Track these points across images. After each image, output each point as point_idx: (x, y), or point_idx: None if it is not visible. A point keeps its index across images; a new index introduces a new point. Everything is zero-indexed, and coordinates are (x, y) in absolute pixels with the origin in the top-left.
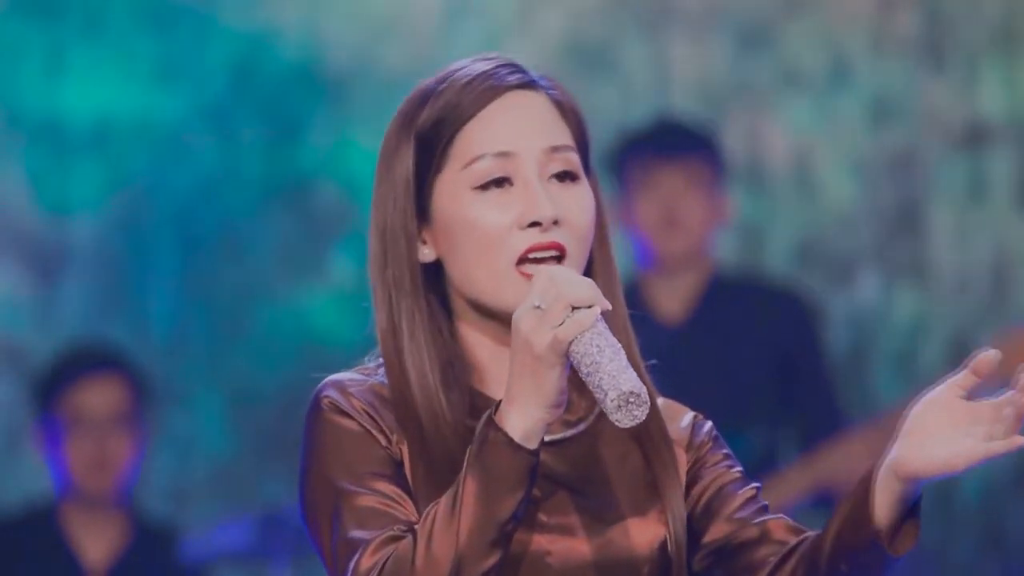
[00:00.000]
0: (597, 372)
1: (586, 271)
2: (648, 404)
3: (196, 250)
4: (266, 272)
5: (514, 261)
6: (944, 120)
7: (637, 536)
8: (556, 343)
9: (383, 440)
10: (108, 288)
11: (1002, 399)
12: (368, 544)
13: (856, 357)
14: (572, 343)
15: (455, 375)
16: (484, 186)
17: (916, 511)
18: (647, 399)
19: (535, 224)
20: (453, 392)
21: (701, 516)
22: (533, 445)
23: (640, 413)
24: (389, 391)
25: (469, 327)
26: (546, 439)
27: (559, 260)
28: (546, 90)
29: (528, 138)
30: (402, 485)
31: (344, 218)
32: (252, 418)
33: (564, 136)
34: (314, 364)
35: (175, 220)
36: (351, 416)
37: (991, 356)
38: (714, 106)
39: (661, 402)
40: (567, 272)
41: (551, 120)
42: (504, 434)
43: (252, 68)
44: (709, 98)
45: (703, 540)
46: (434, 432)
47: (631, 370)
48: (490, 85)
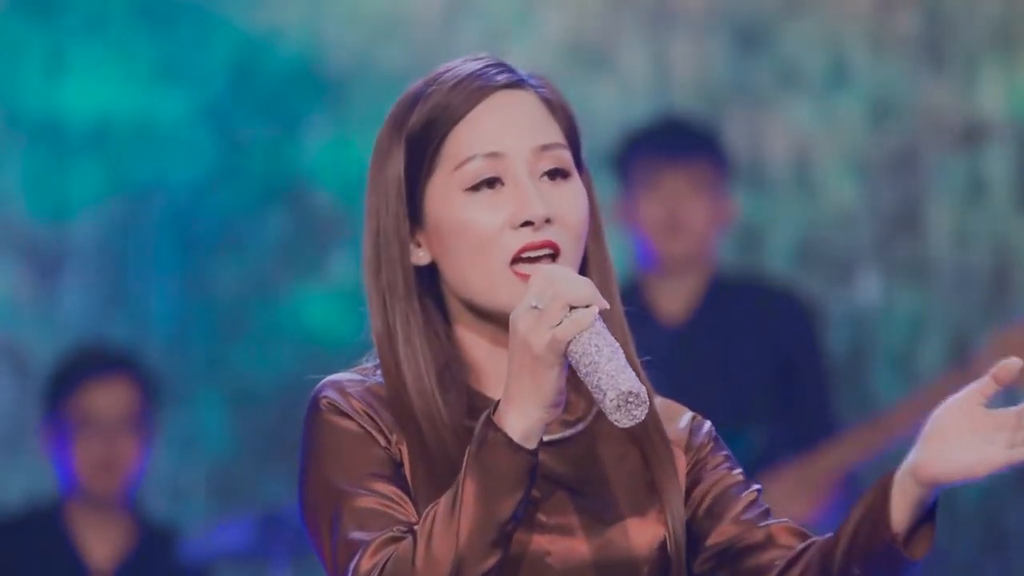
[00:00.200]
0: (596, 372)
1: (581, 268)
2: (647, 404)
3: (196, 250)
4: (266, 272)
5: (508, 261)
6: (944, 120)
7: (636, 536)
8: (554, 343)
9: (382, 441)
10: (108, 288)
11: (1023, 407)
12: (368, 545)
13: (856, 356)
14: (570, 343)
15: (452, 376)
16: (475, 187)
17: (933, 515)
18: (646, 399)
19: (527, 224)
20: (450, 393)
21: (704, 518)
22: (532, 445)
23: (639, 413)
24: (387, 393)
25: (465, 328)
26: (545, 439)
27: (553, 259)
28: (535, 88)
29: (517, 137)
30: (401, 486)
31: (344, 218)
32: (252, 418)
33: (554, 134)
34: (314, 364)
35: (175, 220)
36: (350, 417)
37: (1012, 364)
38: (714, 106)
39: (660, 402)
40: (564, 271)
41: (540, 118)
42: (503, 434)
43: (252, 68)
44: (709, 98)
45: (706, 543)
46: (432, 434)
47: (630, 370)
48: (478, 86)
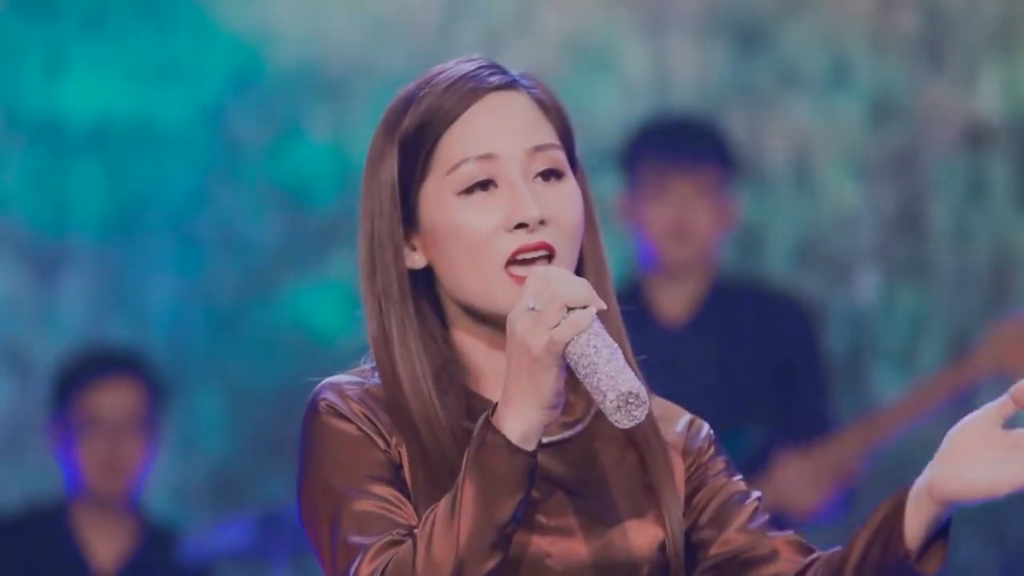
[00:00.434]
0: (595, 373)
1: (577, 268)
2: (647, 404)
3: (196, 250)
4: (266, 272)
5: (503, 264)
6: (944, 120)
7: (636, 537)
8: (552, 345)
9: (381, 443)
10: (108, 288)
11: None
12: (368, 549)
13: (856, 356)
14: (568, 344)
15: (450, 379)
16: (468, 190)
17: (947, 532)
18: (646, 399)
19: (521, 226)
20: (448, 396)
21: (707, 526)
22: (531, 447)
23: (640, 413)
24: (384, 396)
25: (462, 331)
26: (544, 441)
27: (549, 260)
28: (527, 89)
29: (510, 139)
30: (401, 488)
31: (343, 218)
32: (252, 418)
33: (547, 135)
34: (314, 364)
35: (175, 220)
36: (349, 420)
37: None
38: (714, 106)
39: (657, 403)
40: (561, 272)
41: (533, 119)
42: (502, 436)
43: (252, 68)
44: (709, 98)
45: (709, 551)
46: (430, 436)
47: (629, 370)
48: (471, 88)
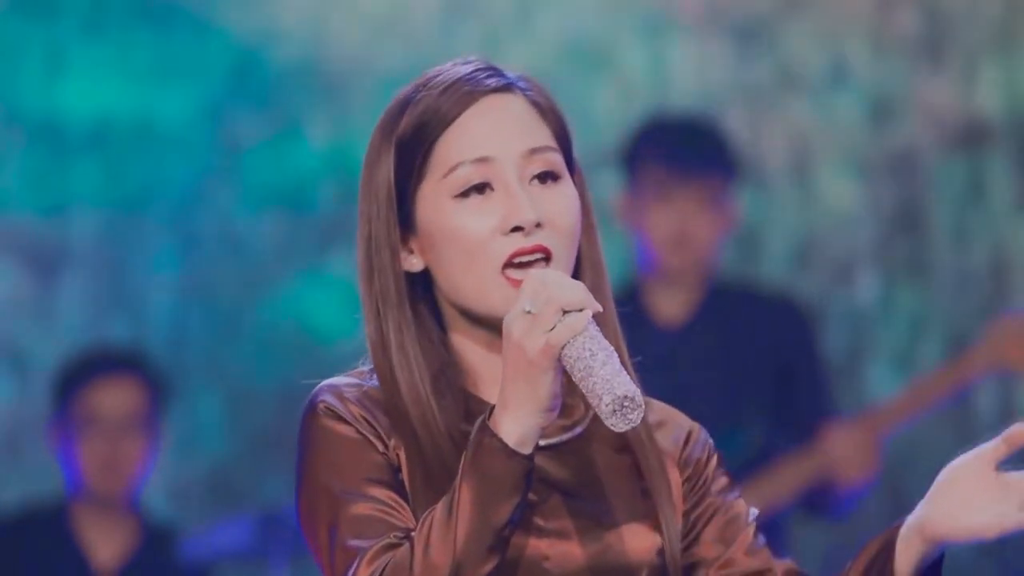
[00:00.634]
0: (590, 377)
1: (575, 270)
2: (643, 407)
3: (196, 250)
4: (266, 272)
5: (499, 268)
6: (943, 120)
7: (633, 541)
8: (548, 348)
9: (380, 446)
10: (108, 288)
11: None
12: (365, 552)
13: (855, 356)
14: (564, 347)
15: (448, 381)
16: (464, 193)
17: (938, 570)
18: (642, 402)
19: (517, 229)
20: (446, 399)
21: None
22: (528, 450)
23: (635, 417)
24: (382, 398)
25: (460, 334)
26: (542, 443)
27: (545, 263)
28: (524, 92)
29: (506, 142)
30: (399, 491)
31: (344, 218)
32: (251, 418)
33: (544, 137)
34: (313, 364)
35: (175, 220)
36: (348, 422)
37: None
38: (713, 106)
39: (658, 407)
40: (557, 275)
41: (529, 122)
42: (499, 440)
43: (251, 68)
44: (708, 98)
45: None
46: (428, 439)
47: (624, 374)
48: (467, 91)
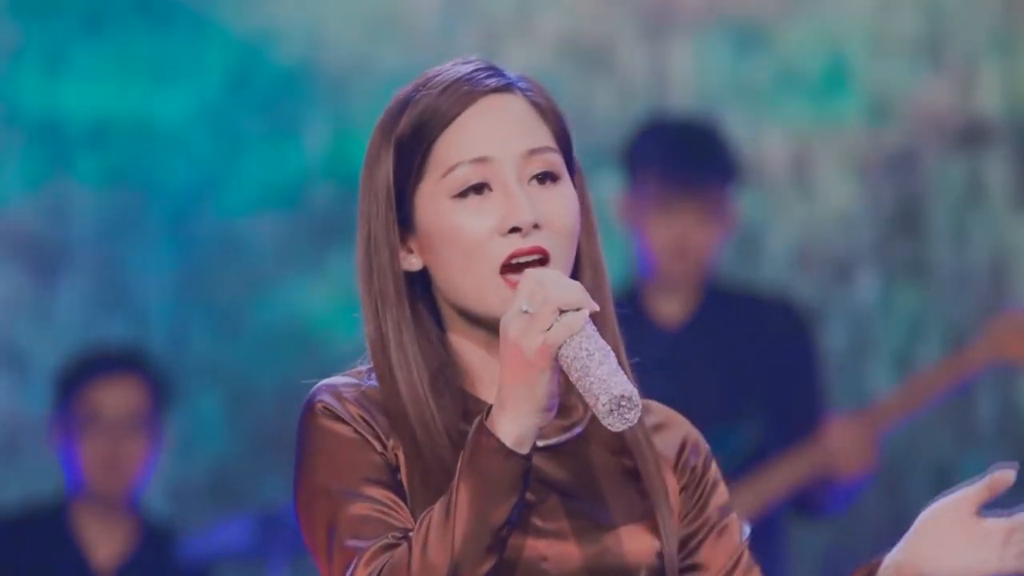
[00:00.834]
0: (587, 376)
1: (575, 271)
2: (639, 407)
3: (195, 250)
4: (266, 272)
5: (497, 268)
6: (943, 120)
7: (631, 543)
8: (545, 348)
9: (378, 446)
10: (107, 288)
11: (1015, 523)
12: (364, 553)
13: (854, 356)
14: (561, 347)
15: (446, 381)
16: (462, 194)
17: None
18: (639, 402)
19: (516, 229)
20: (444, 398)
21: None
22: (525, 450)
23: (632, 416)
24: (381, 398)
25: (458, 333)
26: (540, 444)
27: (543, 264)
28: (524, 92)
29: (505, 142)
30: (397, 491)
31: (343, 217)
32: (251, 417)
33: (543, 138)
34: (313, 364)
35: (175, 220)
36: (346, 422)
37: (1007, 476)
38: (713, 106)
39: (658, 409)
40: (554, 275)
41: (529, 122)
42: (496, 440)
43: (250, 68)
44: (707, 98)
45: None
46: (426, 439)
47: (622, 373)
48: (467, 91)
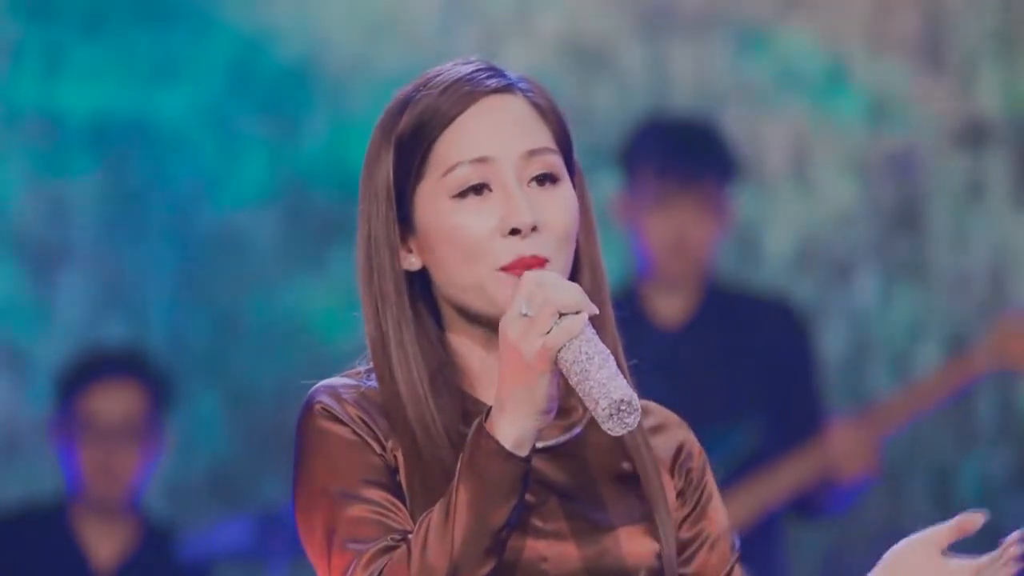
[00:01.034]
0: (587, 380)
1: (573, 272)
2: (639, 411)
3: (195, 250)
4: (266, 272)
5: (496, 269)
6: (943, 120)
7: (630, 545)
8: (545, 351)
9: (377, 447)
10: (107, 288)
11: (981, 564)
12: (362, 555)
13: (854, 356)
14: (561, 350)
15: (445, 381)
16: (462, 194)
17: None
18: (638, 406)
19: (515, 231)
20: (443, 398)
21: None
22: (524, 452)
23: (632, 420)
24: (380, 398)
25: (458, 333)
26: (540, 445)
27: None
28: (524, 93)
29: (505, 142)
30: (396, 493)
31: (343, 217)
32: (251, 418)
33: (543, 139)
34: (313, 364)
35: (175, 219)
36: (345, 423)
37: (975, 519)
38: (712, 106)
39: (657, 410)
40: (553, 277)
41: (529, 123)
42: (495, 442)
43: (250, 67)
44: (707, 98)
45: None
46: (426, 440)
47: (621, 377)
48: (467, 91)
